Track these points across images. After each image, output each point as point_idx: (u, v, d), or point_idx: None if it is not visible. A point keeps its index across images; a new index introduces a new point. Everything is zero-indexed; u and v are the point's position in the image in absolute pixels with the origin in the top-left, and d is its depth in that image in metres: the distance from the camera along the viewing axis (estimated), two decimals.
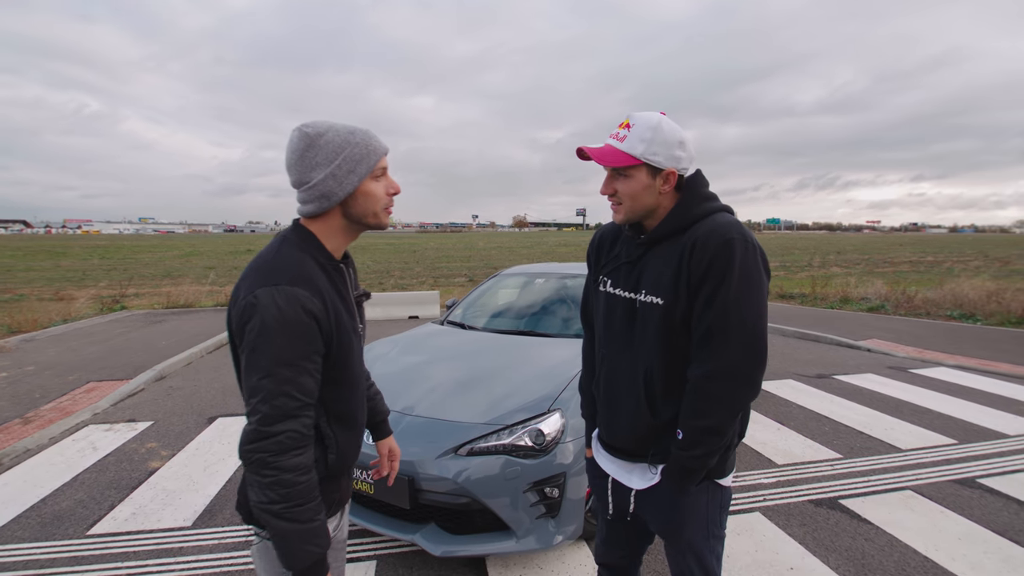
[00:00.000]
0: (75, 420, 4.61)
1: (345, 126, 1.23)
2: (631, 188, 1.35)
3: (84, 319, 9.96)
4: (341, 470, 1.31)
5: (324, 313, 1.16)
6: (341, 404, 1.27)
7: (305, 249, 1.22)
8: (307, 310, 1.12)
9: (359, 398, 1.34)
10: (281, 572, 1.23)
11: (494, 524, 2.39)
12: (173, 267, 30.47)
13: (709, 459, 1.31)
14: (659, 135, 1.30)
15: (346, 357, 1.24)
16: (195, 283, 18.91)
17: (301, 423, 1.12)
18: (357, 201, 1.23)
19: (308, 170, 1.20)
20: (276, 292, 1.11)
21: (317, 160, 1.19)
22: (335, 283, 1.24)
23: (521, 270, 4.95)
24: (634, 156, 1.31)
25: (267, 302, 1.10)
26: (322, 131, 1.20)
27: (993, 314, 9.37)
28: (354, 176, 1.21)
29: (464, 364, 3.22)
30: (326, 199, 1.21)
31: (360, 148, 1.21)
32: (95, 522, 3.00)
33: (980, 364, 6.34)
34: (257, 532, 1.26)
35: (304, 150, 1.20)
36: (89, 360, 6.65)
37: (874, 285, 12.41)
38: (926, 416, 4.62)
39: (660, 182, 1.34)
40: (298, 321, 1.11)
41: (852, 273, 20.28)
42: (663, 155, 1.31)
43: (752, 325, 1.25)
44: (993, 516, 3.00)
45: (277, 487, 1.09)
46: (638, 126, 1.32)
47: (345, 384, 1.27)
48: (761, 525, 2.92)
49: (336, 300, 1.22)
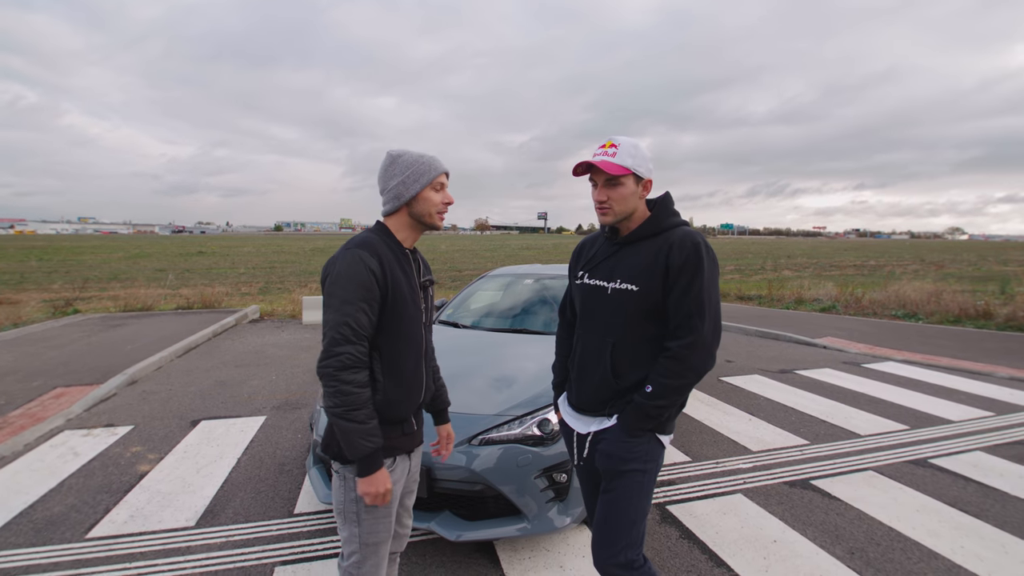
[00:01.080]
0: (49, 426, 4.46)
1: (418, 151, 1.65)
2: (621, 194, 1.68)
3: (36, 323, 9.47)
4: (390, 417, 1.60)
5: (380, 270, 1.54)
6: (393, 355, 1.60)
7: (379, 234, 1.64)
8: (366, 265, 1.52)
9: (413, 358, 1.66)
10: (351, 497, 1.59)
11: (506, 509, 2.53)
12: (120, 269, 29.09)
13: (665, 411, 1.64)
14: (639, 152, 1.67)
15: (400, 314, 1.60)
16: (147, 286, 18.18)
17: (356, 348, 1.50)
18: (419, 203, 1.64)
19: (389, 179, 1.63)
20: (346, 252, 1.54)
21: (394, 172, 1.63)
22: (399, 260, 1.63)
23: (507, 271, 5.10)
24: (626, 168, 1.65)
25: (339, 258, 1.54)
26: (402, 153, 1.64)
27: (933, 313, 10.13)
28: (417, 185, 1.62)
29: (462, 360, 3.34)
30: (397, 199, 1.63)
31: (424, 166, 1.62)
32: (92, 525, 2.96)
33: (924, 359, 6.89)
34: (334, 462, 1.60)
35: (388, 165, 1.64)
36: (51, 365, 6.38)
37: (825, 287, 13.18)
38: (880, 405, 5.02)
39: (641, 189, 1.71)
40: (358, 272, 1.51)
41: (803, 276, 21.38)
42: (643, 168, 1.68)
43: (716, 308, 1.63)
44: (944, 491, 3.35)
45: (339, 395, 1.47)
46: (624, 145, 1.67)
47: (398, 337, 1.61)
48: (744, 505, 3.16)
49: (395, 268, 1.59)
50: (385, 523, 1.64)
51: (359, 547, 1.62)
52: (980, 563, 2.61)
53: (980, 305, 9.86)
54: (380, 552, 1.65)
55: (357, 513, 1.60)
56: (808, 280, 15.94)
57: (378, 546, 1.64)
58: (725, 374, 6.21)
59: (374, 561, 1.64)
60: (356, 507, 1.59)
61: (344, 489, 1.61)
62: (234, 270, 29.11)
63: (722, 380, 5.94)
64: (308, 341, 8.31)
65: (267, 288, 18.88)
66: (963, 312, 9.78)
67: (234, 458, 3.84)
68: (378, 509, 1.61)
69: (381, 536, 1.64)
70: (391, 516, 1.66)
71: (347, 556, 1.64)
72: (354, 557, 1.63)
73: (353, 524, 1.61)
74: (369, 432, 1.49)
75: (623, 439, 1.67)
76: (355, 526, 1.61)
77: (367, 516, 1.60)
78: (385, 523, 1.64)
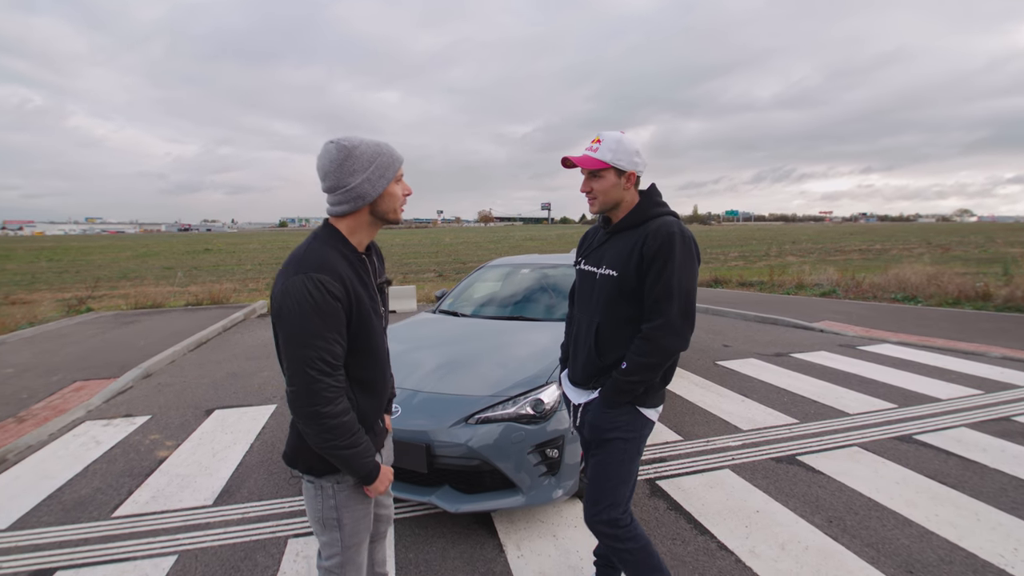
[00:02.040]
0: (70, 417, 4.68)
1: (372, 140, 1.49)
2: (603, 186, 1.83)
3: (51, 321, 9.74)
4: (363, 426, 1.55)
5: (345, 295, 1.41)
6: (363, 371, 1.54)
7: (330, 243, 1.48)
8: (331, 292, 1.38)
9: (380, 368, 1.61)
10: (330, 504, 1.56)
11: (501, 483, 2.70)
12: (129, 268, 29.50)
13: (638, 387, 1.79)
14: (621, 147, 1.79)
15: (367, 332, 1.50)
16: (156, 284, 18.48)
17: (334, 379, 1.40)
18: (384, 200, 1.51)
19: (346, 176, 1.45)
20: (305, 280, 1.37)
21: (354, 168, 1.44)
22: (357, 271, 1.50)
23: (506, 261, 5.25)
24: (604, 161, 1.79)
25: (299, 287, 1.36)
26: (356, 144, 1.45)
27: (932, 296, 10.19)
28: (383, 180, 1.48)
29: (461, 347, 3.51)
30: (361, 199, 1.47)
31: (388, 158, 1.49)
32: (117, 506, 3.17)
33: (919, 340, 6.99)
34: (299, 475, 1.57)
35: (343, 160, 1.44)
36: (69, 361, 6.62)
37: (826, 272, 13.23)
38: (871, 385, 5.15)
39: (624, 181, 1.83)
40: (324, 302, 1.37)
41: (807, 261, 21.38)
42: (625, 161, 1.80)
43: (685, 293, 1.73)
44: (925, 464, 3.49)
45: (329, 431, 1.40)
46: (606, 141, 1.81)
47: (367, 354, 1.53)
48: (730, 479, 3.32)
49: (357, 284, 1.46)
50: (365, 522, 1.63)
51: (341, 549, 1.59)
52: (952, 529, 2.76)
53: (979, 287, 9.91)
54: (360, 551, 1.65)
55: (338, 519, 1.57)
56: (809, 265, 15.99)
57: (360, 544, 1.64)
58: (721, 358, 6.35)
59: (356, 561, 1.63)
60: (336, 513, 1.56)
61: (321, 498, 1.55)
62: (240, 267, 29.43)
63: (718, 364, 6.09)
64: None
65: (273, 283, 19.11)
66: (962, 294, 9.83)
67: (247, 444, 4.04)
68: (358, 510, 1.59)
69: (362, 536, 1.63)
70: (370, 514, 1.65)
71: (327, 557, 1.62)
72: (335, 559, 1.60)
73: (334, 530, 1.57)
74: (366, 450, 1.48)
75: (604, 410, 1.84)
76: (336, 531, 1.58)
77: (348, 520, 1.58)
78: (365, 522, 1.63)
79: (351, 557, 1.61)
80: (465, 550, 2.65)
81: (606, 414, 1.84)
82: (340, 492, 1.55)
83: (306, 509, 1.62)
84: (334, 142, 1.45)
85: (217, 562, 2.60)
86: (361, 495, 1.59)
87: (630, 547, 1.83)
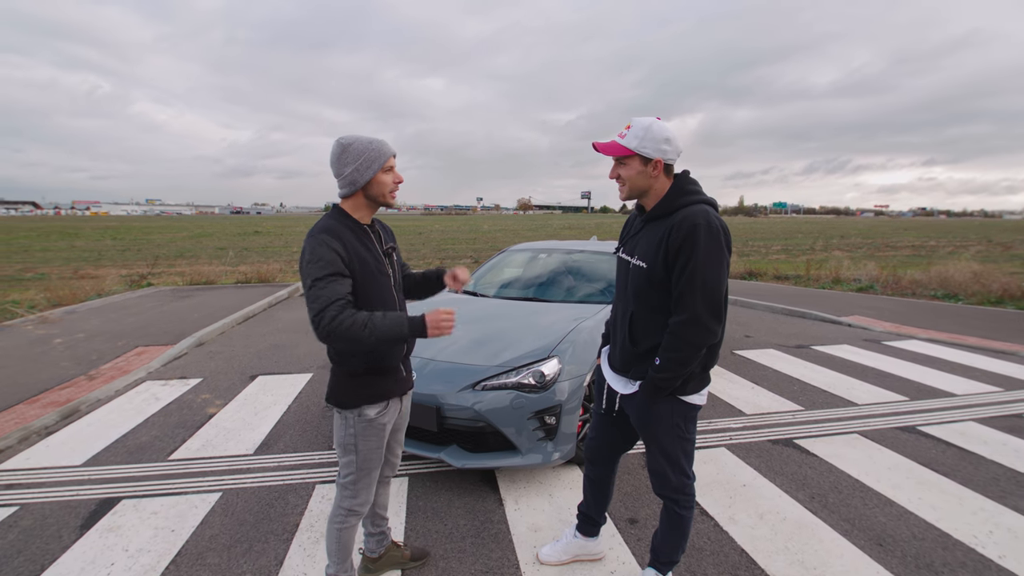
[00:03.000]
0: (134, 377, 5.25)
1: (367, 137, 1.83)
2: (628, 173, 1.87)
3: (116, 294, 10.62)
4: (382, 367, 1.92)
5: (343, 249, 1.77)
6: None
7: (336, 217, 1.86)
8: (329, 247, 1.75)
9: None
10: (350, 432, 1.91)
11: (504, 445, 2.99)
12: (185, 248, 31.16)
13: (674, 381, 1.84)
14: (649, 133, 1.80)
15: (370, 282, 1.84)
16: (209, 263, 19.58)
17: (339, 305, 1.71)
18: (373, 187, 1.85)
19: (342, 166, 1.82)
20: (311, 239, 1.77)
21: (347, 160, 1.81)
22: (359, 237, 1.86)
23: (526, 246, 5.52)
24: (629, 148, 1.82)
25: (306, 245, 1.76)
26: (351, 141, 1.81)
27: (975, 294, 9.85)
28: (370, 171, 1.82)
29: (478, 324, 3.79)
30: (353, 184, 1.83)
31: (375, 152, 1.82)
32: (172, 451, 3.64)
33: (949, 338, 6.87)
34: (331, 407, 1.96)
35: (340, 154, 1.81)
36: (132, 329, 7.29)
37: (866, 267, 12.88)
38: (887, 379, 5.18)
39: (651, 168, 1.84)
40: (323, 253, 1.73)
41: (853, 256, 20.68)
42: (651, 148, 1.81)
43: (711, 287, 1.74)
44: (921, 453, 3.58)
45: (350, 328, 1.70)
46: (635, 127, 1.83)
47: (374, 303, 1.85)
48: (724, 457, 3.51)
49: (357, 245, 1.83)
50: (377, 453, 1.96)
51: (355, 470, 1.94)
52: (932, 511, 2.88)
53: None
54: (372, 475, 1.98)
55: (355, 445, 1.92)
56: (849, 260, 15.53)
57: (371, 470, 1.96)
58: (740, 348, 6.44)
59: (366, 481, 1.97)
60: (355, 440, 1.91)
61: (344, 426, 1.91)
62: (287, 248, 30.65)
63: (735, 353, 6.19)
64: None
65: None
66: (1007, 293, 9.47)
67: (285, 405, 4.48)
68: (371, 441, 1.92)
69: (373, 462, 1.96)
70: (382, 446, 1.98)
71: (344, 476, 1.97)
72: (351, 477, 1.95)
73: (352, 453, 1.92)
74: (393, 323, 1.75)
75: (645, 405, 1.94)
76: (353, 454, 1.93)
77: (363, 447, 1.92)
78: (377, 453, 1.96)
79: (362, 478, 1.96)
80: (468, 501, 2.97)
81: (647, 409, 1.93)
82: (359, 424, 1.91)
83: (334, 437, 1.98)
84: (337, 140, 1.83)
85: (255, 500, 3.00)
86: (374, 429, 1.93)
87: (686, 514, 2.02)
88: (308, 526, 2.73)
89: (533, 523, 2.76)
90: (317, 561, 2.44)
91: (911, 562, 2.45)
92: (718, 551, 2.54)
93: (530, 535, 2.66)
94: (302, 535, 2.66)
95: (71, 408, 4.37)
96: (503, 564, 2.44)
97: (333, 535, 1.96)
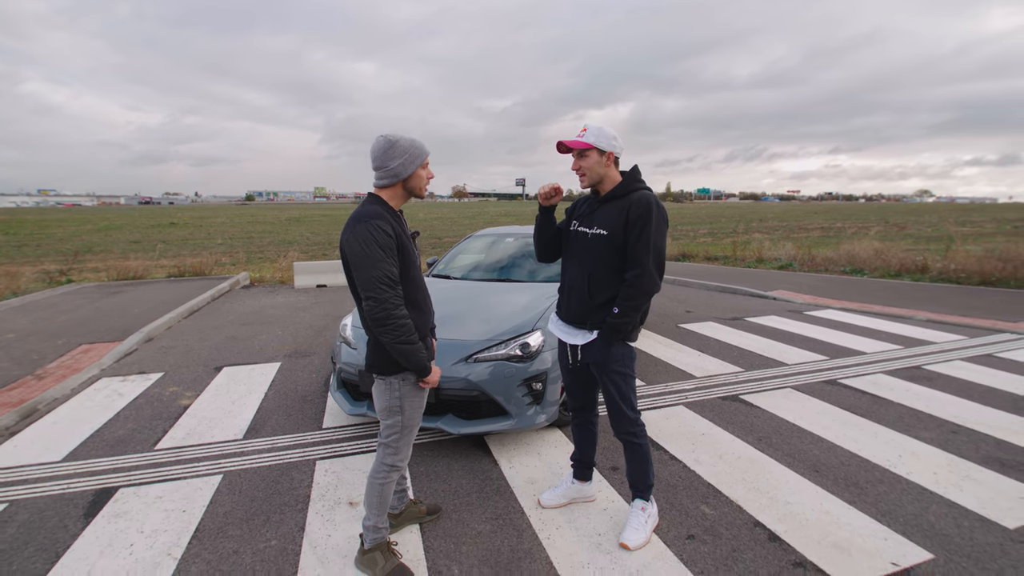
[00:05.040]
0: (87, 375, 5.06)
1: (409, 136, 2.08)
2: (588, 163, 2.34)
3: (36, 292, 9.86)
4: (419, 336, 2.14)
5: (394, 233, 2.00)
6: (411, 291, 2.12)
7: (378, 204, 2.08)
8: (384, 232, 1.97)
9: (422, 292, 2.21)
10: (396, 395, 2.13)
11: (496, 411, 3.27)
12: (92, 242, 28.77)
13: (628, 325, 2.32)
14: (602, 132, 2.32)
15: (409, 263, 2.09)
16: (125, 257, 18.31)
17: (396, 292, 1.98)
18: (413, 180, 2.12)
19: (388, 160, 2.05)
20: (367, 224, 1.96)
21: (394, 154, 2.05)
22: (398, 220, 2.10)
23: (491, 231, 5.77)
24: (589, 143, 2.30)
25: (363, 231, 1.95)
26: (398, 139, 2.06)
27: (877, 268, 11.13)
28: (413, 165, 2.08)
29: (458, 304, 4.03)
30: (396, 177, 2.08)
31: (418, 149, 2.08)
32: (156, 441, 3.63)
33: (858, 306, 7.82)
34: (377, 376, 2.14)
35: (388, 148, 2.04)
36: (68, 327, 6.89)
37: (785, 247, 14.13)
38: (810, 343, 5.90)
39: (605, 159, 2.33)
40: (381, 237, 1.95)
41: (771, 238, 22.41)
42: (605, 143, 2.31)
43: (659, 250, 2.29)
44: (843, 400, 4.21)
45: (397, 329, 1.98)
46: (591, 129, 2.32)
47: (411, 281, 2.11)
48: (683, 413, 3.97)
49: (399, 228, 2.07)
50: (419, 412, 2.21)
51: (400, 429, 2.16)
52: (854, 443, 3.46)
53: (919, 261, 10.88)
54: (413, 433, 2.22)
55: (401, 406, 2.14)
56: (770, 241, 16.92)
57: (412, 428, 2.21)
58: (683, 322, 7.04)
59: (408, 439, 2.21)
60: (400, 402, 2.13)
61: (389, 391, 2.13)
62: (211, 240, 29.06)
63: (680, 326, 6.77)
64: (303, 303, 8.89)
65: (250, 258, 19.17)
66: (903, 267, 10.79)
67: (261, 393, 4.52)
68: (415, 401, 2.16)
69: (416, 419, 2.21)
70: (423, 406, 2.23)
71: (387, 436, 2.18)
72: (394, 436, 2.17)
73: (397, 414, 2.15)
74: (420, 348, 2.05)
75: (604, 348, 2.36)
76: (399, 415, 2.15)
77: (409, 407, 2.16)
78: (419, 412, 2.21)
79: (405, 435, 2.19)
80: (466, 464, 3.23)
81: (606, 351, 2.35)
82: (403, 386, 2.14)
83: (375, 402, 2.19)
84: (384, 136, 2.06)
85: (259, 478, 3.11)
86: (417, 390, 2.17)
87: (643, 443, 2.46)
88: (319, 496, 2.90)
89: (528, 477, 3.07)
90: (338, 524, 2.63)
91: (842, 482, 2.98)
92: (689, 486, 2.96)
93: (528, 487, 2.97)
94: (316, 504, 2.82)
95: (29, 408, 4.19)
96: (509, 511, 2.74)
97: (376, 489, 2.17)
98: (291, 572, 2.30)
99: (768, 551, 2.40)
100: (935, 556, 2.36)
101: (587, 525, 2.61)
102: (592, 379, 2.58)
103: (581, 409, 2.69)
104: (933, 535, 2.51)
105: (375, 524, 2.21)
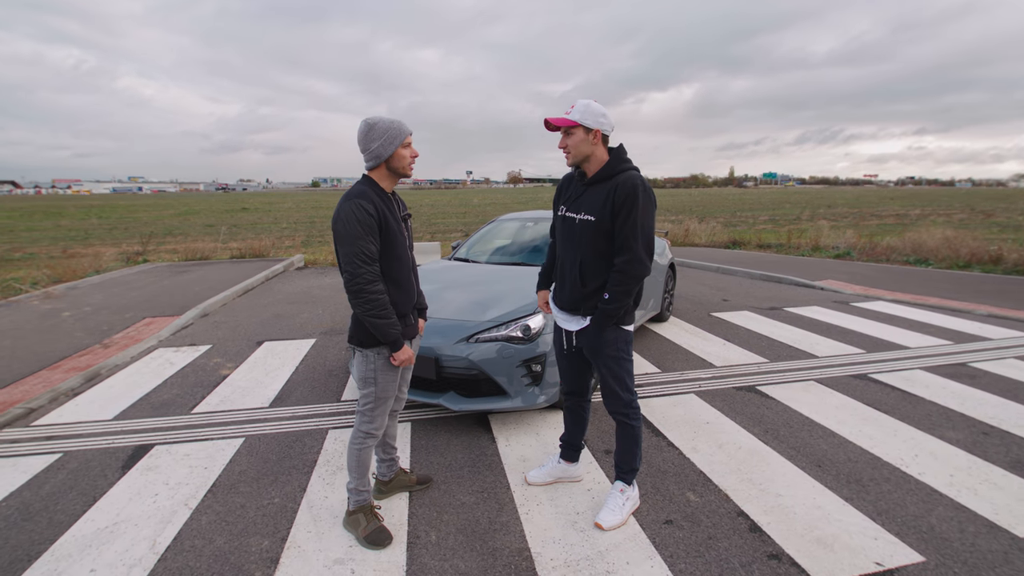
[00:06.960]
0: (146, 345, 5.57)
1: (388, 117, 2.18)
2: (574, 141, 2.29)
3: (114, 270, 10.83)
4: (396, 313, 2.26)
5: (375, 211, 2.11)
6: (391, 270, 2.24)
7: (367, 185, 2.20)
8: (365, 210, 2.08)
9: (404, 271, 2.31)
10: (371, 367, 2.27)
11: (495, 390, 3.37)
12: (173, 225, 31.02)
13: (619, 311, 2.31)
14: (589, 109, 2.26)
15: (392, 242, 2.19)
16: (200, 240, 19.66)
17: (371, 268, 2.10)
18: (395, 160, 2.20)
19: (369, 143, 2.16)
20: (349, 202, 2.09)
21: (373, 137, 2.15)
22: (385, 201, 2.21)
23: (513, 216, 5.84)
24: (574, 120, 2.26)
25: (344, 207, 2.08)
26: (376, 121, 2.15)
27: (945, 259, 10.33)
28: (392, 146, 2.17)
29: (470, 287, 4.14)
30: (378, 158, 2.18)
31: (395, 130, 2.16)
32: (194, 406, 4.00)
33: (913, 298, 7.33)
34: (354, 347, 2.29)
35: (367, 132, 2.15)
36: (137, 302, 7.57)
37: (844, 235, 13.32)
38: (848, 335, 5.62)
39: (591, 137, 2.28)
40: (360, 215, 2.07)
41: (837, 226, 21.13)
42: (591, 120, 2.26)
43: (648, 233, 2.24)
44: (868, 395, 4.02)
45: (369, 303, 2.11)
46: (577, 106, 2.28)
47: (393, 258, 2.22)
48: (693, 401, 3.93)
49: (384, 208, 2.17)
50: (392, 385, 2.33)
51: (374, 399, 2.30)
52: (868, 440, 3.32)
53: (993, 251, 10.00)
54: (387, 404, 2.35)
55: (375, 378, 2.28)
56: (832, 228, 15.97)
57: (386, 399, 2.33)
58: (717, 310, 6.86)
59: (382, 409, 2.34)
60: (374, 374, 2.28)
61: (365, 363, 2.27)
62: (276, 225, 30.63)
63: (712, 315, 6.61)
64: None
65: (308, 241, 20.13)
66: (974, 257, 9.96)
67: (293, 366, 4.84)
68: (389, 375, 2.29)
69: (389, 392, 2.33)
70: (396, 380, 2.35)
71: (363, 404, 2.33)
72: (369, 405, 2.31)
73: (371, 385, 2.29)
74: (394, 323, 2.17)
75: (597, 334, 2.36)
76: (373, 386, 2.29)
77: (381, 379, 2.29)
78: (392, 385, 2.33)
79: (379, 406, 2.34)
80: (465, 440, 3.37)
81: (599, 336, 2.36)
82: (378, 359, 2.27)
83: (353, 373, 2.33)
84: (364, 120, 2.18)
85: (275, 443, 3.38)
86: (390, 366, 2.30)
87: (635, 424, 2.48)
88: (325, 462, 3.12)
89: (522, 455, 3.17)
90: (336, 488, 2.84)
91: (843, 478, 2.89)
92: (679, 472, 2.96)
93: (519, 464, 3.06)
94: (320, 468, 3.05)
95: (93, 372, 4.70)
96: (496, 486, 2.85)
97: (353, 455, 2.34)
98: (286, 527, 2.52)
99: (745, 541, 2.39)
100: (926, 559, 2.26)
101: (568, 504, 2.68)
102: (586, 364, 2.61)
103: (573, 393, 2.74)
104: (930, 538, 2.40)
105: (356, 487, 2.38)
